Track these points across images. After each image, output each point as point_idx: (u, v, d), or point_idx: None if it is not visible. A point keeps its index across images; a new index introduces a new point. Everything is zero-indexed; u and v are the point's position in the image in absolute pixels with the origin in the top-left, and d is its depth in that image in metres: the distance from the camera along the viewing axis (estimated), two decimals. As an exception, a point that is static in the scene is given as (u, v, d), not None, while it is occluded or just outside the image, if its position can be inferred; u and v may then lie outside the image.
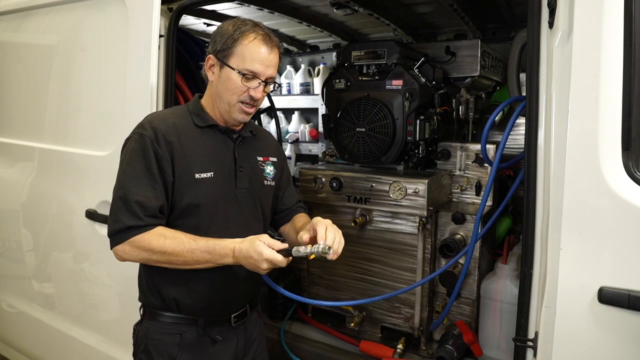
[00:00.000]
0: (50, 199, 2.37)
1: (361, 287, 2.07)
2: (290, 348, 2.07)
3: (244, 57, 1.41)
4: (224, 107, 1.47)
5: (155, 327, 1.50)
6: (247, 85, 1.43)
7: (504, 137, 1.64)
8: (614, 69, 1.13)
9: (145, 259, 1.39)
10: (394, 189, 1.87)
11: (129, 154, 1.40)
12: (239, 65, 1.41)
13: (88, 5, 2.17)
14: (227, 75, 1.43)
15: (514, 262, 1.92)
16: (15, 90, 2.60)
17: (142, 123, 1.44)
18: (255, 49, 1.41)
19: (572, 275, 1.19)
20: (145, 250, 1.36)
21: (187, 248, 1.35)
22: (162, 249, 1.35)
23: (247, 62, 1.41)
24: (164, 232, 1.38)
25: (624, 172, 1.14)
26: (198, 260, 1.36)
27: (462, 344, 1.85)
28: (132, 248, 1.37)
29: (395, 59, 2.02)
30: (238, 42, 1.41)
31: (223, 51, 1.42)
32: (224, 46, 1.42)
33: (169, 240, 1.35)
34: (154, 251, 1.35)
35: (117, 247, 1.39)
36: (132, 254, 1.38)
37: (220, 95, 1.46)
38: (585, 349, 1.19)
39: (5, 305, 2.69)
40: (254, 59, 1.41)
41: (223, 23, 1.49)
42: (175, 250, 1.35)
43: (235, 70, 1.41)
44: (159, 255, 1.36)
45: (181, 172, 1.41)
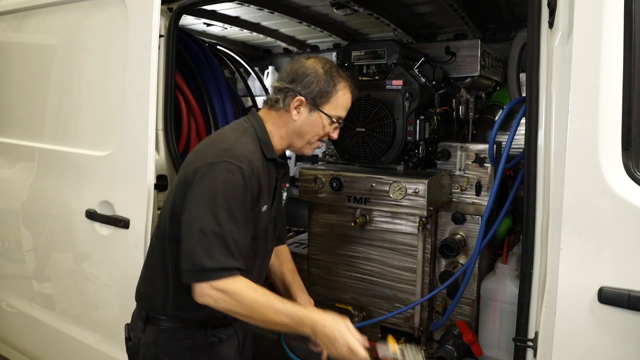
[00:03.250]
0: (50, 199, 2.36)
1: (361, 287, 2.06)
2: (290, 348, 2.07)
3: (337, 105, 1.53)
4: (300, 144, 1.56)
5: (165, 333, 1.48)
6: (331, 128, 1.56)
7: (510, 138, 1.65)
8: (614, 69, 1.13)
9: (230, 310, 1.31)
10: (394, 189, 1.87)
11: (225, 185, 1.31)
12: (330, 111, 1.52)
13: (88, 5, 2.17)
14: (317, 119, 1.51)
15: (514, 262, 1.92)
16: (16, 90, 2.60)
17: (235, 153, 1.35)
18: (347, 98, 1.56)
19: (572, 275, 1.19)
20: (235, 301, 1.29)
21: (275, 309, 1.31)
22: (252, 303, 1.29)
23: (339, 110, 1.54)
24: (254, 286, 1.33)
25: (624, 172, 1.14)
26: (278, 322, 1.31)
27: (462, 344, 1.85)
28: (221, 295, 1.28)
29: (395, 59, 2.01)
30: (334, 91, 1.51)
31: (320, 98, 1.50)
32: (320, 94, 1.49)
33: (258, 296, 1.31)
34: (243, 303, 1.29)
35: (204, 286, 1.28)
36: (219, 301, 1.30)
37: (303, 134, 1.53)
38: (585, 349, 1.19)
39: (5, 305, 2.69)
40: (345, 106, 1.56)
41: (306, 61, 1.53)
42: (263, 308, 1.30)
43: (327, 115, 1.51)
44: (246, 310, 1.30)
45: (257, 206, 1.42)
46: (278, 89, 1.52)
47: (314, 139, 1.55)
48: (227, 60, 3.02)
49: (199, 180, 1.33)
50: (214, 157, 1.34)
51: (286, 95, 1.49)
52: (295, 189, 2.72)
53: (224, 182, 1.31)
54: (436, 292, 1.86)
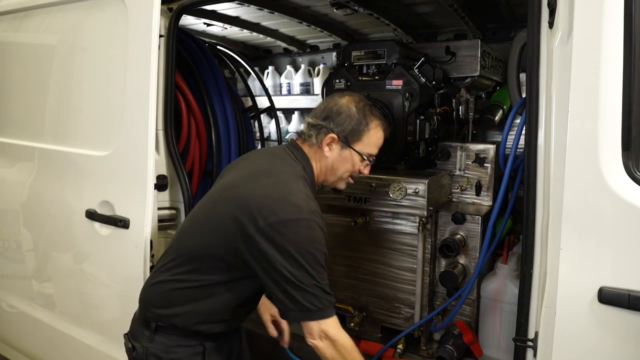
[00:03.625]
0: (50, 199, 2.36)
1: (361, 287, 2.06)
2: (290, 348, 2.07)
3: (369, 143, 1.57)
4: (332, 179, 1.61)
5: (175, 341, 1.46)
6: (362, 165, 1.60)
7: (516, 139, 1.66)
8: (614, 69, 1.13)
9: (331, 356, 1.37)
10: (394, 189, 1.87)
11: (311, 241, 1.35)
12: (362, 149, 1.57)
13: (88, 5, 2.17)
14: (349, 156, 1.56)
15: (514, 262, 1.92)
16: (16, 90, 2.60)
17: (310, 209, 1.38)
18: (379, 137, 1.60)
19: (572, 275, 1.19)
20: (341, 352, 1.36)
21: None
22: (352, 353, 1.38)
23: (370, 147, 1.59)
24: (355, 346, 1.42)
25: (624, 172, 1.14)
26: None
27: (462, 344, 1.85)
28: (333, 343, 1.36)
29: (395, 59, 2.01)
30: (366, 130, 1.55)
31: (352, 136, 1.54)
32: (352, 132, 1.54)
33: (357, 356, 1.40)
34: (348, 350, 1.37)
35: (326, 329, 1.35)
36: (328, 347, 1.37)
37: (335, 170, 1.58)
38: (585, 349, 1.19)
39: (5, 305, 2.69)
40: (377, 145, 1.61)
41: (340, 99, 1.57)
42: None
43: (358, 153, 1.56)
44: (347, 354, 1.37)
45: None
46: (312, 125, 1.56)
47: (345, 174, 1.60)
48: (227, 60, 3.02)
49: (282, 237, 1.32)
50: (290, 214, 1.34)
51: (319, 132, 1.54)
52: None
53: (310, 239, 1.34)
54: (452, 304, 1.85)
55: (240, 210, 1.36)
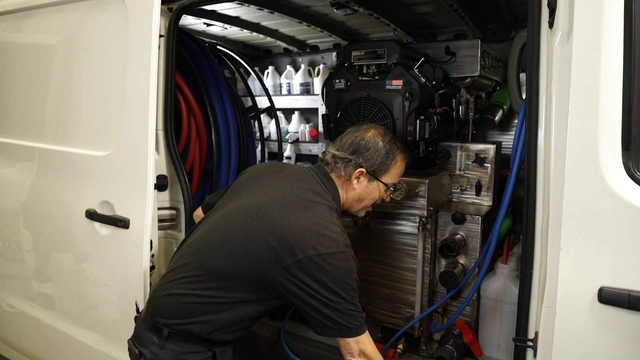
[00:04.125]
0: (50, 199, 2.36)
1: (361, 287, 2.05)
2: (290, 348, 2.07)
3: (395, 175, 1.68)
4: (357, 207, 1.69)
5: (186, 347, 1.46)
6: (386, 195, 1.69)
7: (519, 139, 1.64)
8: (614, 69, 1.13)
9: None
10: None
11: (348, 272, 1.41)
12: (388, 181, 1.66)
13: (88, 5, 2.17)
14: (375, 187, 1.65)
15: (514, 262, 1.92)
16: (15, 90, 2.60)
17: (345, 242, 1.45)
18: (403, 168, 1.70)
19: (572, 275, 1.19)
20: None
21: None
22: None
23: (395, 179, 1.69)
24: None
25: (624, 172, 1.14)
26: None
27: (462, 344, 1.85)
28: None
29: (395, 59, 2.01)
30: (393, 163, 1.64)
31: (380, 170, 1.63)
32: (381, 166, 1.62)
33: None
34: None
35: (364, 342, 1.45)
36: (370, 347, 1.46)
37: (361, 200, 1.66)
38: (585, 349, 1.19)
39: (5, 305, 2.69)
40: (399, 175, 1.71)
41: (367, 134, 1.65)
42: None
43: (384, 184, 1.65)
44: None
45: None
46: (339, 158, 1.62)
47: (370, 203, 1.69)
48: (227, 60, 3.01)
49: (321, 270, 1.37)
50: (329, 248, 1.39)
51: (347, 165, 1.61)
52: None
53: (347, 270, 1.41)
54: (464, 303, 1.85)
55: (278, 241, 1.37)
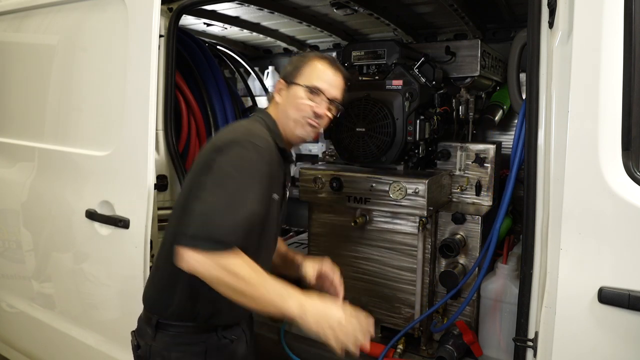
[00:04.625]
0: (50, 199, 2.36)
1: (361, 287, 2.06)
2: (290, 348, 2.07)
3: (310, 75, 1.52)
4: (289, 125, 1.54)
5: (177, 339, 1.46)
6: (311, 102, 1.51)
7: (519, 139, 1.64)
8: (614, 69, 1.13)
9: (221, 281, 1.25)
10: (394, 189, 1.87)
11: (241, 161, 1.32)
12: (305, 81, 1.52)
13: (88, 5, 2.17)
14: (293, 93, 1.52)
15: (514, 262, 1.92)
16: (15, 90, 2.60)
17: (251, 133, 1.38)
18: (321, 68, 1.54)
19: (572, 275, 1.19)
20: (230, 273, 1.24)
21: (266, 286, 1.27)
22: (247, 278, 1.25)
23: (313, 79, 1.52)
24: (249, 262, 1.28)
25: (624, 172, 1.14)
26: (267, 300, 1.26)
27: (462, 344, 1.85)
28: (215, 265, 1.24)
29: (395, 59, 2.01)
30: (306, 63, 1.54)
31: (292, 73, 1.54)
32: (293, 69, 1.54)
33: (253, 272, 1.26)
34: (238, 276, 1.24)
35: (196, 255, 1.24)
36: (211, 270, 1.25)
37: (287, 113, 1.53)
38: (585, 349, 1.19)
39: (5, 305, 2.69)
40: (320, 77, 1.53)
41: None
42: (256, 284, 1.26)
43: (301, 85, 1.51)
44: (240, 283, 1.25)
45: (268, 191, 1.42)
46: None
47: (298, 115, 1.50)
48: (227, 60, 3.02)
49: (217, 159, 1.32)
50: (228, 139, 1.36)
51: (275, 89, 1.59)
52: (295, 189, 2.72)
53: (242, 158, 1.32)
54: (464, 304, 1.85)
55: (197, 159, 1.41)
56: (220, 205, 1.27)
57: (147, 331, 1.49)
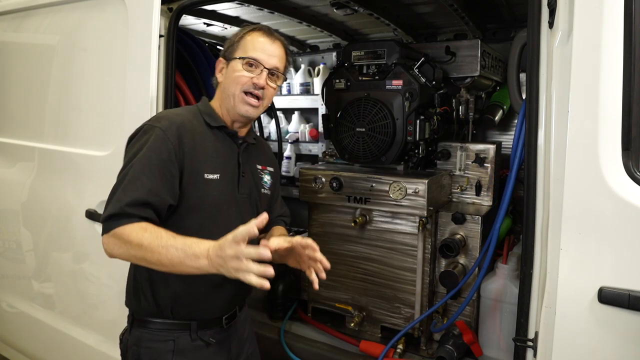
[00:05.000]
0: (50, 199, 2.36)
1: (361, 287, 2.07)
2: (290, 348, 2.07)
3: (245, 47, 1.49)
4: (230, 102, 1.49)
5: (147, 335, 1.46)
6: (250, 73, 1.47)
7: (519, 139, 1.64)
8: (614, 69, 1.13)
9: (125, 253, 1.28)
10: (394, 189, 1.87)
11: (139, 145, 1.36)
12: (241, 54, 1.49)
13: (88, 5, 2.17)
14: (232, 68, 1.49)
15: (514, 262, 1.92)
16: (15, 90, 2.60)
17: (156, 117, 1.45)
18: (256, 39, 1.50)
19: (572, 275, 1.19)
20: (125, 243, 1.26)
21: (163, 244, 1.22)
22: (139, 241, 1.24)
23: (249, 50, 1.48)
24: (147, 226, 1.28)
25: (624, 172, 1.14)
26: (171, 259, 1.22)
27: (462, 344, 1.85)
28: (114, 240, 1.28)
29: (395, 59, 2.02)
30: (241, 37, 1.51)
31: (229, 49, 1.52)
32: (230, 45, 1.52)
33: (147, 234, 1.25)
34: (131, 244, 1.25)
35: (104, 237, 1.31)
36: (114, 248, 1.29)
37: (227, 89, 1.50)
38: (585, 349, 1.19)
39: (5, 305, 2.69)
40: (255, 47, 1.49)
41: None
42: (150, 245, 1.23)
43: (238, 58, 1.48)
44: (136, 250, 1.25)
45: (191, 170, 1.40)
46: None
47: (237, 89, 1.47)
48: (227, 60, 3.01)
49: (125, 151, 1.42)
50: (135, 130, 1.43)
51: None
52: (295, 189, 2.72)
53: (141, 142, 1.36)
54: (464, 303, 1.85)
55: None
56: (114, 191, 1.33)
57: (127, 327, 1.53)
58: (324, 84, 2.23)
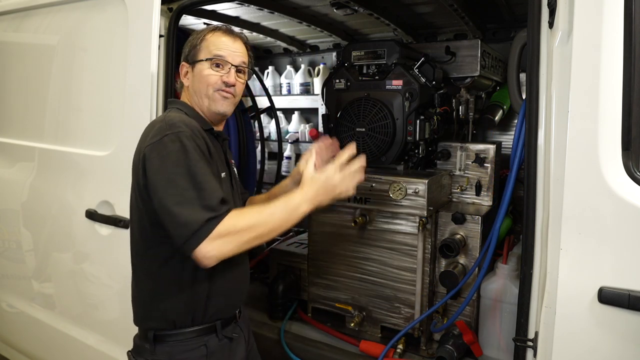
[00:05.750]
0: (50, 199, 2.37)
1: (361, 287, 2.06)
2: (290, 348, 2.07)
3: (208, 48, 1.50)
4: (204, 103, 1.51)
5: (178, 348, 1.44)
6: (218, 72, 1.49)
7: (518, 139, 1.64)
8: (614, 69, 1.13)
9: (237, 245, 1.29)
10: (394, 189, 1.87)
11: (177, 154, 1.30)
12: (205, 55, 1.50)
13: (88, 5, 2.17)
14: (199, 70, 1.50)
15: (514, 262, 1.92)
16: (16, 90, 2.60)
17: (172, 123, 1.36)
18: (218, 39, 1.51)
19: (572, 275, 1.19)
20: (235, 234, 1.28)
21: (267, 214, 1.34)
22: (248, 225, 1.30)
23: (212, 50, 1.50)
24: (239, 211, 1.35)
25: (624, 172, 1.14)
26: (281, 221, 1.35)
27: (462, 344, 1.85)
28: (221, 240, 1.26)
29: (395, 59, 2.01)
30: (201, 39, 1.51)
31: (191, 53, 1.52)
32: (191, 48, 1.52)
33: (248, 215, 1.33)
34: (242, 231, 1.29)
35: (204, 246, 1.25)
36: (223, 247, 1.27)
37: (198, 92, 1.51)
38: (585, 349, 1.19)
39: (5, 305, 2.69)
40: (219, 47, 1.50)
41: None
42: (258, 221, 1.32)
43: (203, 60, 1.49)
44: (248, 233, 1.30)
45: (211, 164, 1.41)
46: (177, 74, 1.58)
47: (209, 90, 1.49)
48: (227, 60, 3.01)
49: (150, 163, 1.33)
50: (153, 137, 1.36)
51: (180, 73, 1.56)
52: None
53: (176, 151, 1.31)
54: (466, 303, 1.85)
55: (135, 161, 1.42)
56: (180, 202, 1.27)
57: (146, 347, 1.46)
58: (324, 84, 2.22)
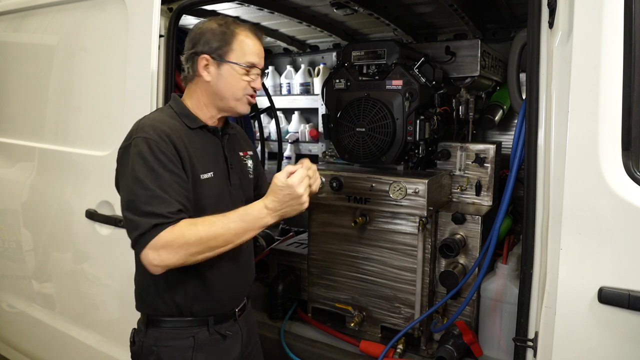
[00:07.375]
0: (50, 199, 2.36)
1: (361, 287, 2.06)
2: (290, 348, 2.07)
3: (243, 51, 1.46)
4: (228, 104, 1.49)
5: (166, 334, 1.47)
6: (249, 77, 1.48)
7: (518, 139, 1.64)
8: (614, 69, 1.13)
9: (183, 257, 1.28)
10: (394, 189, 1.87)
11: (136, 158, 1.32)
12: (239, 59, 1.46)
13: (88, 5, 2.17)
14: (229, 72, 1.46)
15: (514, 262, 1.92)
16: (15, 90, 2.60)
17: (141, 127, 1.37)
18: (252, 42, 1.49)
19: (572, 275, 1.19)
20: (181, 246, 1.26)
21: (221, 226, 1.30)
22: (197, 237, 1.27)
23: (247, 56, 1.47)
24: (192, 220, 1.31)
25: (624, 172, 1.14)
26: (237, 232, 1.32)
27: (462, 344, 1.85)
28: (164, 250, 1.26)
29: (395, 59, 2.01)
30: (234, 38, 1.46)
31: (221, 49, 1.45)
32: (221, 45, 1.45)
33: (200, 226, 1.29)
34: (189, 243, 1.26)
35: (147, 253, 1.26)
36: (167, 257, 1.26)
37: (222, 92, 1.48)
38: (585, 349, 1.19)
39: (5, 305, 2.69)
40: (252, 51, 1.48)
41: (201, 24, 1.50)
42: (209, 234, 1.28)
43: (237, 64, 1.46)
44: (197, 246, 1.28)
45: (188, 173, 1.40)
46: (185, 59, 1.50)
47: (238, 93, 1.48)
48: (227, 60, 3.01)
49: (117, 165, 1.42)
50: (125, 141, 1.40)
51: (193, 62, 1.48)
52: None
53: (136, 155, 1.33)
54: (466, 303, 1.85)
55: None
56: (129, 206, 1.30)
57: (141, 329, 1.52)
58: (324, 84, 2.22)
